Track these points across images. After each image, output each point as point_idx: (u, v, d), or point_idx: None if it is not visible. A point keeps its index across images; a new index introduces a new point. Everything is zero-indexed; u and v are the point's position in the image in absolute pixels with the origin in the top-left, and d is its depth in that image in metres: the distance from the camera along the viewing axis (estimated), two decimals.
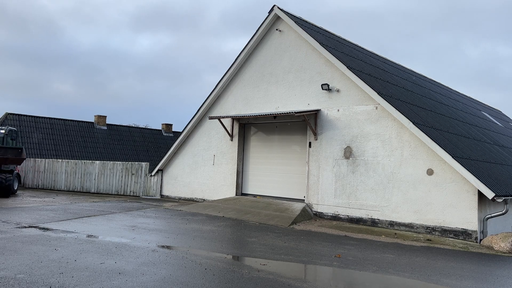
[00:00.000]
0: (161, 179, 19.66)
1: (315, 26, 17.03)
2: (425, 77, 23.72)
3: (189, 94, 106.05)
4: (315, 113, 14.22)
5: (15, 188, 18.76)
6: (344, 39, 18.44)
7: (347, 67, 13.39)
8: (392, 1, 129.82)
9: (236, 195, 16.45)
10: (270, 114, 14.71)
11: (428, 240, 10.84)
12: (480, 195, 10.82)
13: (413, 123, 11.88)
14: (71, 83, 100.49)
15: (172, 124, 39.22)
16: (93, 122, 33.57)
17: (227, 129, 16.79)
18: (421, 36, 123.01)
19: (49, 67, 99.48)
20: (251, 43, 16.20)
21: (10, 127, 19.39)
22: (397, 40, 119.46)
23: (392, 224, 12.24)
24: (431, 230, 11.52)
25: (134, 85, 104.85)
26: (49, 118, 31.07)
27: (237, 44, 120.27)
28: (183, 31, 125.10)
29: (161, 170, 19.69)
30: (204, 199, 17.48)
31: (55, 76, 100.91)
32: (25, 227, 9.84)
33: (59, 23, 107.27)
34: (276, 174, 15.80)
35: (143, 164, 20.52)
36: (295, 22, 14.98)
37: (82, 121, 32.97)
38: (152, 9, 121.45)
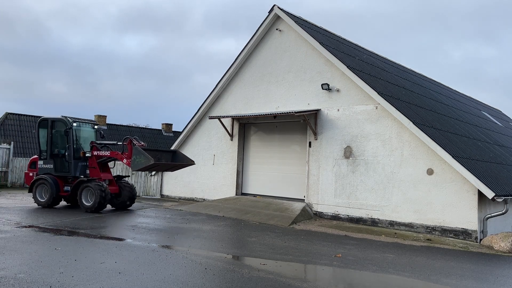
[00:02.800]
0: (161, 179, 19.66)
1: (315, 25, 17.03)
2: (425, 76, 23.73)
3: (181, 94, 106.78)
4: (315, 113, 14.22)
5: None
6: (344, 39, 18.44)
7: (347, 66, 13.39)
8: (368, 3, 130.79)
9: (236, 194, 16.46)
10: (270, 114, 14.71)
11: (428, 239, 10.85)
12: (480, 195, 10.82)
13: (413, 122, 11.89)
14: (63, 83, 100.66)
15: (172, 124, 39.20)
16: None
17: (227, 129, 16.79)
18: (401, 38, 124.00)
19: (39, 68, 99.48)
20: (251, 43, 16.20)
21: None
22: (378, 41, 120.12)
23: (392, 223, 12.25)
24: (431, 229, 11.52)
25: (126, 85, 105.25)
26: None
27: (221, 45, 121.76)
28: (168, 33, 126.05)
29: None
30: (204, 199, 17.48)
31: (46, 76, 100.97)
32: (26, 226, 9.84)
33: (46, 25, 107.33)
34: (276, 173, 15.80)
35: None
36: (295, 21, 14.98)
37: None
38: (136, 11, 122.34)
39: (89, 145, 13.89)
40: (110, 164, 14.69)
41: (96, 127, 14.62)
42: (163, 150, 13.99)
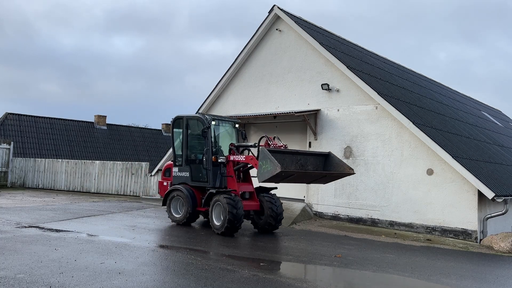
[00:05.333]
0: None
1: (315, 26, 17.04)
2: (425, 76, 23.73)
3: (174, 95, 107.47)
4: (315, 113, 14.22)
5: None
6: (344, 39, 18.44)
7: (347, 66, 13.40)
8: (348, 5, 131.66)
9: None
10: (270, 114, 14.71)
11: (428, 240, 10.85)
12: (480, 195, 10.82)
13: (413, 123, 11.89)
14: (57, 83, 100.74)
15: None
16: (93, 122, 33.56)
17: None
18: (384, 40, 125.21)
19: (31, 69, 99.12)
20: (251, 43, 16.20)
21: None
22: (360, 43, 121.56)
23: (392, 224, 12.25)
24: (431, 230, 11.52)
25: (119, 85, 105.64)
26: (49, 118, 31.05)
27: (209, 46, 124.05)
28: (156, 34, 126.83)
29: (161, 170, 19.66)
30: None
31: (39, 77, 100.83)
32: (25, 227, 9.84)
33: (35, 26, 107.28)
34: None
35: (143, 164, 20.51)
36: (295, 22, 14.99)
37: (82, 121, 32.94)
38: (122, 13, 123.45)
39: (229, 147, 11.15)
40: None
41: (237, 125, 11.72)
42: (309, 153, 10.32)
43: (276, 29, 15.74)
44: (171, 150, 18.98)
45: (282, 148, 9.89)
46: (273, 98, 15.62)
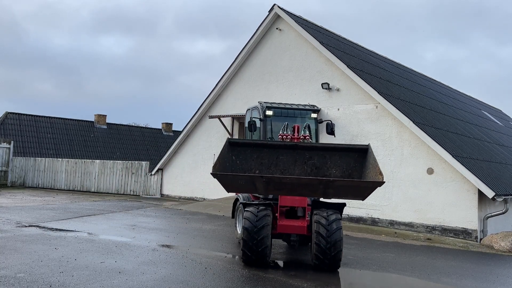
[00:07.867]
0: (161, 178, 19.66)
1: (315, 25, 17.03)
2: (425, 76, 23.72)
3: (170, 94, 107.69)
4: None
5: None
6: (344, 38, 18.43)
7: (347, 66, 13.39)
8: (331, 5, 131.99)
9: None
10: None
11: (428, 239, 10.85)
12: (480, 194, 10.82)
13: (413, 122, 11.88)
14: (51, 83, 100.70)
15: (172, 123, 39.17)
16: (93, 121, 33.54)
17: (227, 128, 16.78)
18: (369, 40, 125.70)
19: (24, 68, 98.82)
20: (251, 42, 16.19)
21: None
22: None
23: (392, 223, 12.25)
24: (431, 229, 11.52)
25: (113, 85, 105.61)
26: (49, 117, 31.04)
27: (197, 46, 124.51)
28: (143, 35, 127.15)
29: (161, 169, 19.69)
30: (204, 198, 17.48)
31: (32, 77, 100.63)
32: (26, 226, 9.84)
33: (23, 25, 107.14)
34: None
35: (143, 163, 20.52)
36: (295, 21, 14.98)
37: (82, 120, 32.92)
38: (109, 14, 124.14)
39: None
40: None
41: (314, 115, 8.84)
42: (330, 147, 7.14)
43: (276, 28, 15.73)
44: (171, 149, 19.03)
45: (296, 140, 7.49)
46: (273, 98, 15.59)
